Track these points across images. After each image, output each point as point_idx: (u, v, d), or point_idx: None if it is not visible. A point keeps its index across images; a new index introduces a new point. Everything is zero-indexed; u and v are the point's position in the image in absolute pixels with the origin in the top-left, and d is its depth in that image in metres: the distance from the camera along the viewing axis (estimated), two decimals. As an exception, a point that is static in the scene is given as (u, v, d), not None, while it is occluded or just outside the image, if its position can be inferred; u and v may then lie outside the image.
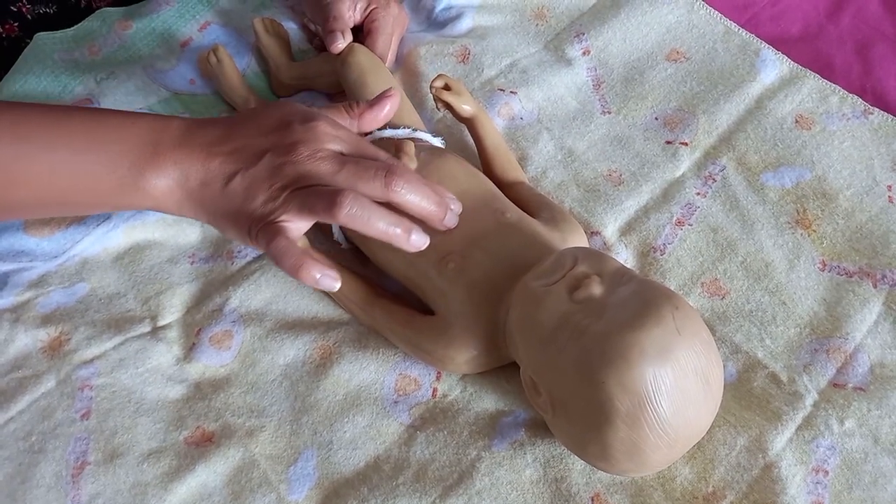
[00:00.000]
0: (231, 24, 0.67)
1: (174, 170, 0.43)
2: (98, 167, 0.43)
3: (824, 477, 0.45)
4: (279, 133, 0.42)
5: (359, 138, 0.44)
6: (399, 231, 0.41)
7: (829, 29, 0.68)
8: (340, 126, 0.44)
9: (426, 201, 0.42)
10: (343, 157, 0.42)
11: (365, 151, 0.43)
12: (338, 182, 0.41)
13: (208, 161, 0.43)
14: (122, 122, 0.44)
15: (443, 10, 0.68)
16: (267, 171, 0.41)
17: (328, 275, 0.40)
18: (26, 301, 0.52)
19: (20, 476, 0.46)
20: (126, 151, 0.43)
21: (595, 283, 0.41)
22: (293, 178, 0.41)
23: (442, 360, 0.47)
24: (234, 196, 0.42)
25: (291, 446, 0.47)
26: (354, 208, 0.39)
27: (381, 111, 0.47)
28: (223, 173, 0.42)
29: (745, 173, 0.58)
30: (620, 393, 0.38)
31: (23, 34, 0.70)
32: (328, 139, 0.42)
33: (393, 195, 0.41)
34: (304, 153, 0.41)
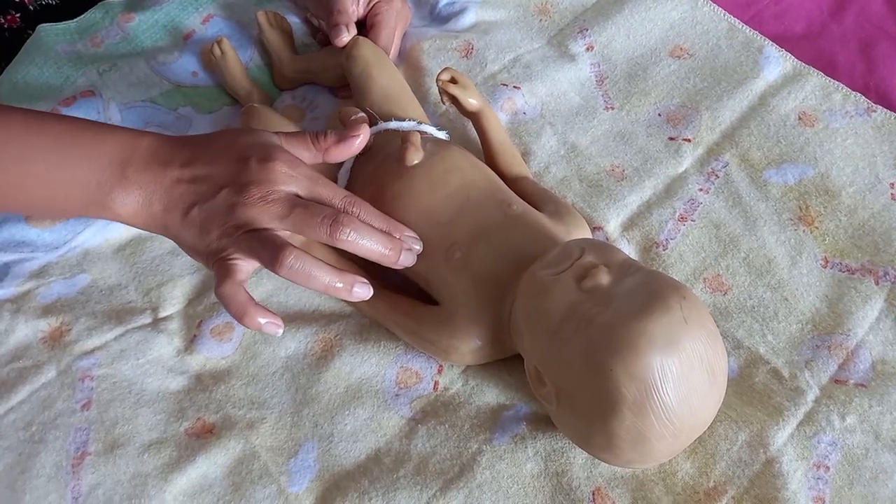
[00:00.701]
0: (234, 16, 0.67)
1: (140, 193, 0.44)
2: (68, 185, 0.44)
3: (825, 472, 0.45)
4: (236, 169, 0.43)
5: (316, 178, 0.44)
6: (341, 286, 0.42)
7: (832, 27, 0.68)
8: (298, 164, 0.44)
9: (377, 245, 0.43)
10: (294, 201, 0.42)
11: (320, 193, 0.44)
12: (285, 227, 0.42)
13: (172, 188, 0.43)
14: (94, 137, 0.44)
15: (446, 5, 0.68)
16: (222, 209, 0.42)
17: (272, 322, 0.42)
18: (27, 291, 0.52)
19: (20, 466, 0.45)
20: (96, 170, 0.43)
21: (603, 272, 0.41)
22: (244, 220, 0.42)
23: (445, 351, 0.47)
24: (192, 226, 0.43)
25: (292, 438, 0.47)
26: (296, 265, 0.40)
27: (349, 148, 0.46)
28: (183, 203, 0.43)
29: (748, 170, 0.58)
30: (627, 381, 0.38)
31: (24, 25, 0.70)
32: (282, 180, 0.42)
33: (338, 243, 0.42)
34: (255, 195, 0.42)
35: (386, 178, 0.50)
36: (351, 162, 0.53)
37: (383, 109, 0.55)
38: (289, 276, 0.41)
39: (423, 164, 0.50)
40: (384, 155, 0.52)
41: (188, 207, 0.43)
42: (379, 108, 0.55)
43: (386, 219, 0.45)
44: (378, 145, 0.53)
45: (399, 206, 0.49)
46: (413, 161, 0.49)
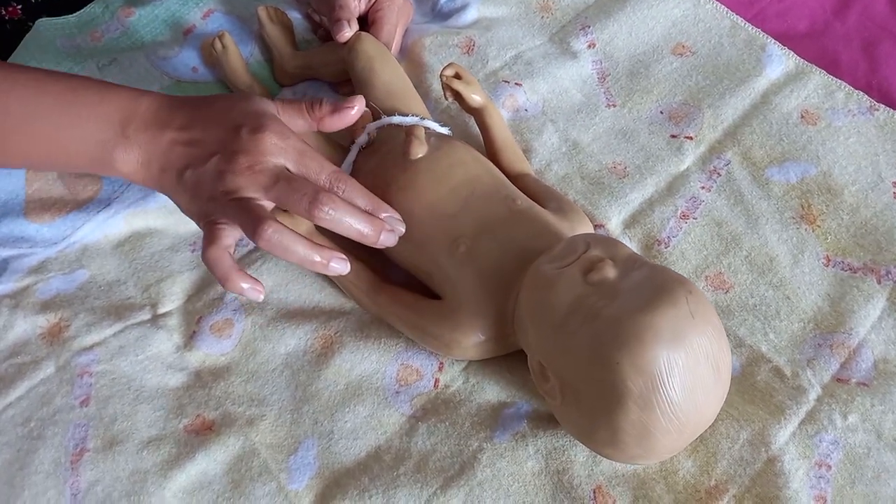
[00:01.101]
0: (234, 12, 0.67)
1: (139, 153, 0.45)
2: (72, 143, 0.46)
3: (827, 471, 0.45)
4: (229, 136, 0.44)
5: (305, 151, 0.44)
6: (318, 259, 0.43)
7: (835, 26, 0.68)
8: (289, 136, 0.44)
9: (357, 224, 0.43)
10: (279, 174, 0.43)
11: (308, 167, 0.44)
12: (268, 198, 0.43)
13: (168, 150, 0.45)
14: (97, 97, 0.46)
15: (448, 1, 0.68)
16: (211, 175, 0.43)
17: (254, 287, 0.43)
18: (26, 287, 0.52)
19: (19, 462, 0.45)
20: (98, 130, 0.45)
21: (609, 266, 0.41)
22: (232, 187, 0.43)
23: (448, 345, 0.47)
24: (185, 188, 0.45)
25: (292, 435, 0.47)
26: (274, 237, 0.41)
27: (343, 118, 0.47)
28: (178, 165, 0.44)
29: (750, 168, 0.57)
30: (634, 374, 0.38)
31: (26, 17, 0.70)
32: (271, 151, 0.43)
33: (317, 220, 0.42)
34: (243, 164, 0.43)
35: (390, 171, 0.50)
36: (353, 155, 0.53)
37: (386, 104, 0.55)
38: (267, 247, 0.41)
39: (427, 157, 0.50)
40: (387, 149, 0.52)
41: (182, 170, 0.44)
42: (381, 104, 0.55)
43: (371, 197, 0.45)
44: (381, 139, 0.53)
45: (403, 199, 0.49)
46: (417, 154, 0.49)
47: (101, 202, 0.55)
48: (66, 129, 0.45)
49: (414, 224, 0.48)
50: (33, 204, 0.54)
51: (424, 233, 0.48)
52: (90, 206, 0.55)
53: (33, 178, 0.55)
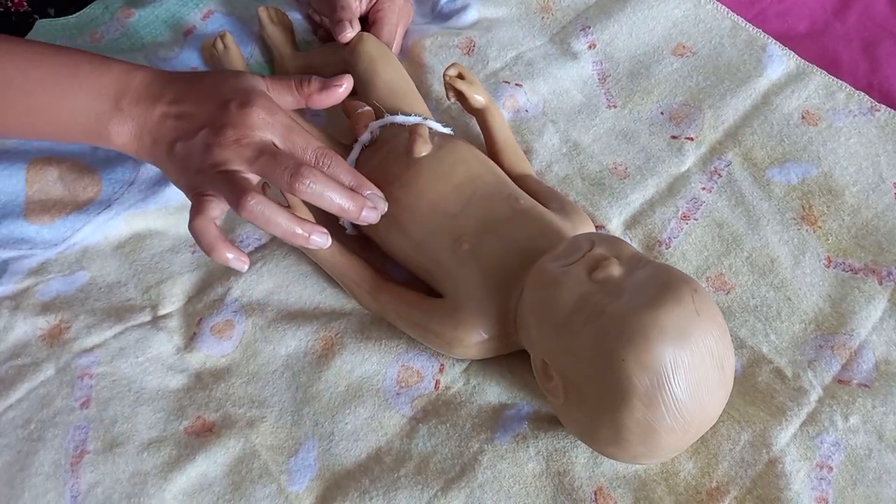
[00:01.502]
0: (235, 12, 0.67)
1: (132, 125, 0.47)
2: (69, 114, 0.47)
3: (828, 473, 0.45)
4: (217, 110, 0.45)
5: (292, 126, 0.46)
6: (300, 232, 0.44)
7: (835, 26, 0.68)
8: (276, 111, 0.46)
9: (338, 197, 0.44)
10: (264, 148, 0.44)
11: (294, 141, 0.45)
12: (253, 171, 0.44)
13: (159, 123, 0.46)
14: (93, 71, 0.47)
15: (448, 2, 0.67)
16: (200, 147, 0.44)
17: (238, 258, 0.44)
18: (26, 289, 0.52)
19: (19, 464, 0.45)
20: (93, 102, 0.47)
21: (615, 264, 0.41)
22: (219, 160, 0.44)
23: (450, 343, 0.47)
24: (175, 161, 0.46)
25: (292, 437, 0.47)
26: (257, 208, 0.42)
27: (331, 96, 0.48)
28: (169, 138, 0.46)
29: (751, 169, 0.57)
30: (639, 371, 0.38)
31: (32, 9, 0.70)
32: (258, 126, 0.44)
33: (298, 193, 0.43)
34: (231, 138, 0.44)
35: (393, 169, 0.50)
36: (356, 153, 0.53)
37: (388, 104, 0.55)
38: (250, 217, 0.42)
39: (430, 156, 0.50)
40: (390, 147, 0.52)
41: (172, 142, 0.46)
42: (383, 104, 0.55)
43: (355, 175, 0.46)
44: (383, 138, 0.53)
45: (406, 197, 0.49)
46: (421, 153, 0.49)
47: (101, 203, 0.55)
48: (64, 101, 0.47)
49: (416, 222, 0.48)
50: (33, 205, 0.54)
51: (427, 231, 0.48)
52: (90, 208, 0.55)
53: (33, 180, 0.55)
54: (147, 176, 0.56)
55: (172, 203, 0.56)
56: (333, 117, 0.61)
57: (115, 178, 0.56)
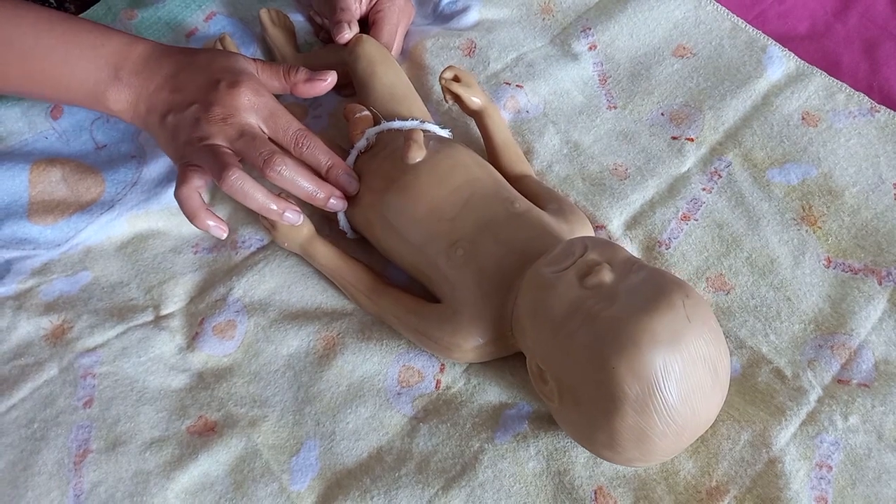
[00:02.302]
0: (237, 14, 0.67)
1: (130, 94, 0.50)
2: (71, 79, 0.50)
3: (828, 472, 0.45)
4: (208, 88, 0.48)
5: (276, 109, 0.49)
6: (273, 207, 0.48)
7: (836, 27, 0.68)
8: (262, 93, 0.49)
9: (308, 184, 0.48)
10: (245, 129, 0.47)
11: (276, 123, 0.49)
12: (234, 150, 0.47)
13: (156, 94, 0.50)
14: (95, 40, 0.50)
15: (449, 4, 0.68)
16: (189, 121, 0.48)
17: (218, 226, 0.48)
18: (29, 289, 0.52)
19: (22, 463, 0.45)
20: (94, 70, 0.50)
21: (606, 269, 0.41)
22: (204, 134, 0.47)
23: (448, 348, 0.47)
24: (166, 130, 0.49)
25: (294, 436, 0.47)
26: (236, 183, 0.46)
27: (315, 88, 0.52)
28: (161, 109, 0.49)
29: (751, 169, 0.57)
30: (630, 378, 0.38)
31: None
32: (244, 106, 0.48)
33: (270, 178, 0.47)
34: (217, 115, 0.47)
35: (390, 174, 0.50)
36: (353, 159, 0.53)
37: (387, 107, 0.55)
38: (229, 191, 0.46)
39: (427, 160, 0.50)
40: (388, 152, 0.52)
41: (165, 113, 0.49)
42: (383, 106, 0.55)
43: (332, 155, 0.50)
44: (382, 142, 0.53)
45: (402, 201, 0.49)
46: (415, 159, 0.49)
47: (104, 204, 0.55)
48: (66, 66, 0.50)
49: (413, 227, 0.49)
50: (36, 206, 0.55)
51: (424, 235, 0.48)
52: (93, 208, 0.55)
53: (37, 181, 0.56)
54: (150, 177, 0.57)
55: (175, 204, 0.56)
56: (336, 121, 0.61)
57: (117, 178, 0.56)
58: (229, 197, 0.57)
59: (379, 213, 0.50)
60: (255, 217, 0.56)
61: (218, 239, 0.55)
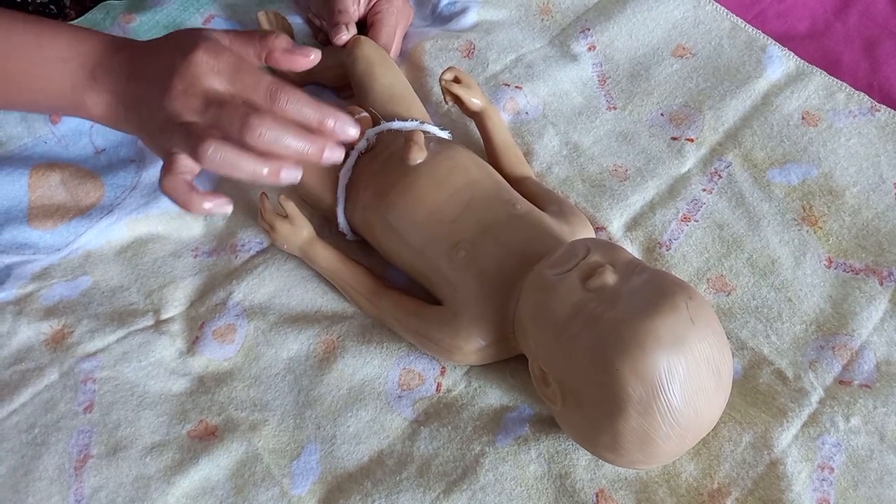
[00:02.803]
0: (235, 17, 0.67)
1: (107, 95, 0.44)
2: (48, 83, 0.45)
3: (830, 474, 0.45)
4: (166, 64, 0.42)
5: (239, 65, 0.42)
6: (266, 171, 0.40)
7: (836, 26, 0.68)
8: (221, 52, 0.42)
9: (296, 142, 0.40)
10: (211, 96, 0.41)
11: (244, 82, 0.41)
12: (206, 121, 0.40)
13: (127, 91, 0.44)
14: (71, 39, 0.45)
15: (448, 5, 0.68)
16: (155, 105, 0.42)
17: (218, 203, 0.41)
18: (29, 294, 0.52)
19: (23, 468, 0.45)
20: (69, 73, 0.44)
21: (609, 271, 0.41)
22: (172, 113, 0.41)
23: (449, 350, 0.47)
24: (142, 124, 0.44)
25: (295, 440, 0.47)
26: (216, 156, 0.39)
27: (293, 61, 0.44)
28: (133, 104, 0.44)
29: (752, 170, 0.57)
30: (634, 380, 0.38)
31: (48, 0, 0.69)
32: (203, 71, 0.41)
33: (251, 144, 0.40)
34: (178, 88, 0.41)
35: (390, 176, 0.50)
36: (353, 160, 0.53)
37: (386, 108, 0.55)
38: (212, 167, 0.39)
39: (427, 162, 0.50)
40: (388, 153, 0.52)
41: (137, 107, 0.43)
42: (382, 107, 0.55)
43: (317, 105, 0.42)
44: (381, 144, 0.53)
45: (403, 203, 0.49)
46: (416, 160, 0.49)
47: (103, 208, 0.55)
48: (41, 69, 0.45)
49: (414, 229, 0.49)
50: (36, 210, 0.55)
51: (425, 237, 0.48)
52: (93, 213, 0.55)
53: (36, 185, 0.56)
54: (149, 181, 0.57)
55: (174, 208, 0.56)
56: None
57: (117, 182, 0.56)
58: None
59: (379, 215, 0.50)
60: (254, 220, 0.56)
61: (219, 242, 0.55)
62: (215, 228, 0.56)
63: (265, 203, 0.52)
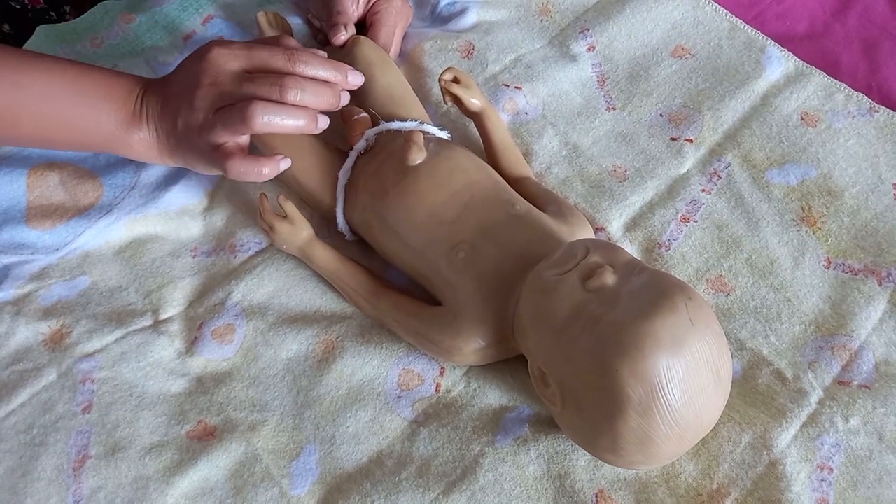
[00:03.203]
0: (234, 17, 0.67)
1: (149, 126, 0.49)
2: (90, 123, 0.49)
3: (829, 474, 0.45)
4: (190, 73, 0.48)
5: (251, 45, 0.48)
6: (304, 122, 0.46)
7: (835, 27, 0.68)
8: (229, 43, 0.48)
9: (323, 94, 0.47)
10: (239, 76, 0.46)
11: (261, 57, 0.47)
12: (244, 93, 0.46)
13: (162, 113, 0.49)
14: (108, 80, 0.49)
15: (447, 5, 0.68)
16: (190, 109, 0.47)
17: (281, 159, 0.47)
18: (27, 294, 0.52)
19: (21, 469, 0.45)
20: (114, 111, 0.48)
21: (608, 272, 0.41)
22: (208, 105, 0.46)
23: (449, 351, 0.47)
24: (184, 138, 0.48)
25: (294, 441, 0.47)
26: (265, 115, 0.44)
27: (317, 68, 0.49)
28: (173, 121, 0.48)
29: (751, 170, 0.57)
30: (633, 381, 0.38)
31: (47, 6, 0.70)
32: (222, 61, 0.47)
33: (289, 100, 0.45)
34: (206, 83, 0.46)
35: (389, 176, 0.50)
36: (352, 161, 0.53)
37: (386, 109, 0.55)
38: (262, 128, 0.44)
39: (426, 163, 0.50)
40: (387, 154, 0.52)
41: (175, 123, 0.48)
42: (381, 108, 0.55)
43: (330, 63, 0.48)
44: (380, 145, 0.53)
45: (402, 204, 0.49)
46: (416, 160, 0.49)
47: (102, 208, 0.55)
48: (81, 108, 0.48)
49: (414, 230, 0.48)
50: (34, 210, 0.55)
51: (424, 238, 0.48)
52: (91, 213, 0.55)
53: (35, 185, 0.56)
54: (148, 181, 0.57)
55: (173, 208, 0.56)
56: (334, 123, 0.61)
57: (115, 182, 0.56)
58: (226, 200, 0.57)
59: (378, 216, 0.50)
60: (253, 220, 0.56)
61: (218, 242, 0.55)
62: (214, 228, 0.56)
63: (264, 203, 0.52)
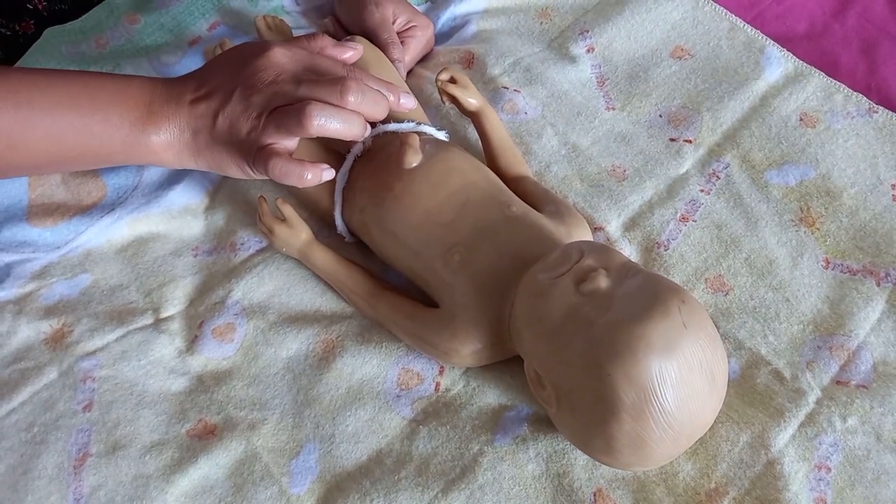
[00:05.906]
0: (240, 27, 0.67)
1: (168, 124, 0.47)
2: (104, 128, 0.46)
3: (827, 474, 0.45)
4: (240, 69, 0.46)
5: (310, 55, 0.47)
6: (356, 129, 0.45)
7: (834, 28, 0.68)
8: (292, 46, 0.47)
9: (378, 107, 0.46)
10: (299, 77, 0.45)
11: (321, 65, 0.46)
12: (301, 95, 0.44)
13: (192, 110, 0.46)
14: (118, 84, 0.47)
15: (447, 21, 0.68)
16: (241, 105, 0.45)
17: (325, 168, 0.45)
18: (29, 293, 0.52)
19: (22, 467, 0.46)
20: (126, 113, 0.46)
21: (602, 275, 0.41)
22: (263, 104, 0.44)
23: (446, 353, 0.47)
24: (222, 135, 0.46)
25: (293, 439, 0.47)
26: (322, 118, 0.43)
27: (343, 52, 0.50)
28: (208, 117, 0.46)
29: (750, 171, 0.58)
30: (626, 385, 0.38)
31: (38, 31, 0.70)
32: (284, 62, 0.46)
33: (348, 104, 0.44)
34: (265, 80, 0.45)
35: (385, 179, 0.50)
36: (349, 163, 0.53)
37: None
38: (317, 130, 0.43)
39: (423, 164, 0.50)
40: (384, 156, 0.52)
41: (213, 120, 0.46)
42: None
43: (381, 82, 0.48)
44: (378, 146, 0.53)
45: (399, 206, 0.49)
46: (411, 164, 0.49)
47: (104, 207, 0.55)
48: (93, 116, 0.46)
49: (411, 231, 0.49)
50: (36, 209, 0.55)
51: (421, 240, 0.48)
52: (93, 211, 0.55)
53: (36, 183, 0.56)
54: (150, 180, 0.57)
55: (175, 207, 0.56)
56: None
57: (118, 183, 0.56)
58: (227, 199, 0.57)
59: (376, 218, 0.50)
60: (253, 219, 0.56)
61: (219, 241, 0.55)
62: (215, 227, 0.56)
63: (263, 206, 0.52)
